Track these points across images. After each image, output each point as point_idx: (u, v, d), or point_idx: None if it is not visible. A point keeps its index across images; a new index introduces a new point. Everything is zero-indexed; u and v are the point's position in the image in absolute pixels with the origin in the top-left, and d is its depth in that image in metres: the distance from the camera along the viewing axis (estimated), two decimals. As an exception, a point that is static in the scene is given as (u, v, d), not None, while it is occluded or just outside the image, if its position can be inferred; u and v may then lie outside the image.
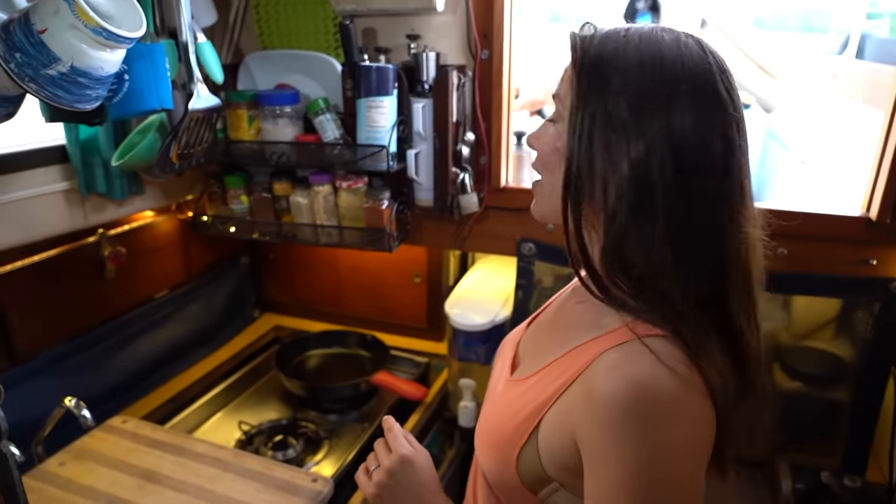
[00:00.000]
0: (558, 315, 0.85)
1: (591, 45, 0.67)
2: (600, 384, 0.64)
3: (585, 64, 0.66)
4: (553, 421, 0.69)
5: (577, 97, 0.66)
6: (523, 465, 0.72)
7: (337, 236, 1.49)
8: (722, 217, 0.65)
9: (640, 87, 0.64)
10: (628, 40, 0.66)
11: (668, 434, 0.62)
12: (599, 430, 0.63)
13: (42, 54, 0.77)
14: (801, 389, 1.49)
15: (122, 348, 1.56)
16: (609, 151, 0.64)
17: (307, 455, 1.52)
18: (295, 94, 1.41)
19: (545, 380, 0.73)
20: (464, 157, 1.41)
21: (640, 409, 0.61)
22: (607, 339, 0.68)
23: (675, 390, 0.62)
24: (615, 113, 0.64)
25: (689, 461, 0.63)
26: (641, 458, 0.61)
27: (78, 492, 1.17)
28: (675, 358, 0.63)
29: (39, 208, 1.24)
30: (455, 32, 1.38)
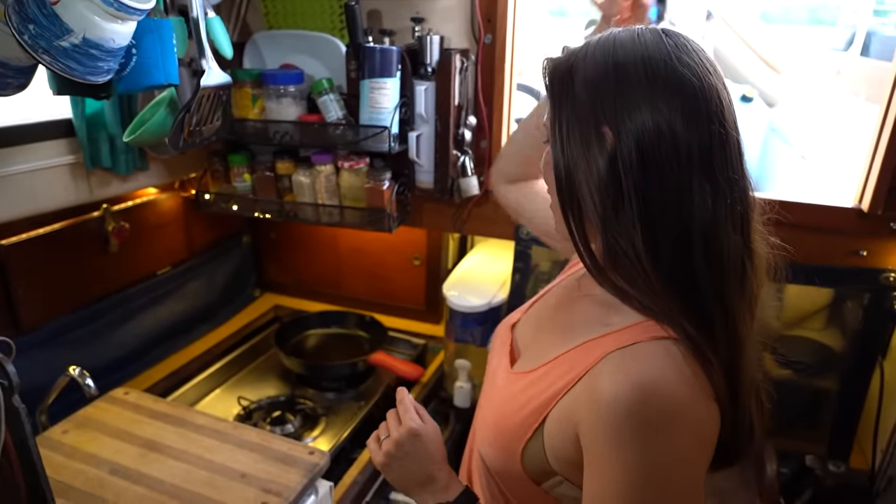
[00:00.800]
0: (562, 307, 0.85)
1: (559, 63, 0.70)
2: (605, 385, 0.63)
3: (555, 80, 0.69)
4: (558, 417, 0.70)
5: (551, 112, 0.69)
6: (528, 458, 0.73)
7: (338, 215, 1.51)
8: (690, 192, 0.63)
9: (599, 87, 0.65)
10: (587, 48, 0.68)
11: (671, 439, 0.61)
12: (602, 431, 0.62)
13: (55, 26, 0.79)
14: (789, 377, 1.52)
15: (125, 322, 1.59)
16: (585, 156, 0.66)
17: (304, 431, 1.55)
18: (299, 73, 1.42)
19: (551, 375, 0.73)
20: (465, 141, 1.43)
21: (645, 413, 0.60)
22: (614, 338, 0.68)
23: (682, 394, 0.62)
24: (582, 118, 0.66)
25: (692, 464, 0.63)
26: (643, 463, 0.61)
27: (81, 459, 1.20)
28: (682, 361, 0.63)
29: (45, 181, 1.26)
30: (459, 16, 1.40)
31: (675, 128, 0.63)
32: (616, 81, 0.64)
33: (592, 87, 0.66)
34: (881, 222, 1.27)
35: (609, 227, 0.66)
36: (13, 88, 0.92)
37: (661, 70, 0.63)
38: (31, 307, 1.34)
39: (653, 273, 0.65)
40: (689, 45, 0.66)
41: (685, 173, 0.63)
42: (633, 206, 0.63)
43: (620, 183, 0.64)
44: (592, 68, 0.66)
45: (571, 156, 0.67)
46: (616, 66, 0.65)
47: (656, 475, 0.61)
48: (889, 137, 1.20)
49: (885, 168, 1.22)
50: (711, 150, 0.64)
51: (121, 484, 1.14)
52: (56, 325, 1.40)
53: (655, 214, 0.64)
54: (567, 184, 0.68)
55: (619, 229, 0.65)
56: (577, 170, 0.66)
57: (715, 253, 0.64)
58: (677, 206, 0.64)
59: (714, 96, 0.64)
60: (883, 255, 1.31)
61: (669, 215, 0.64)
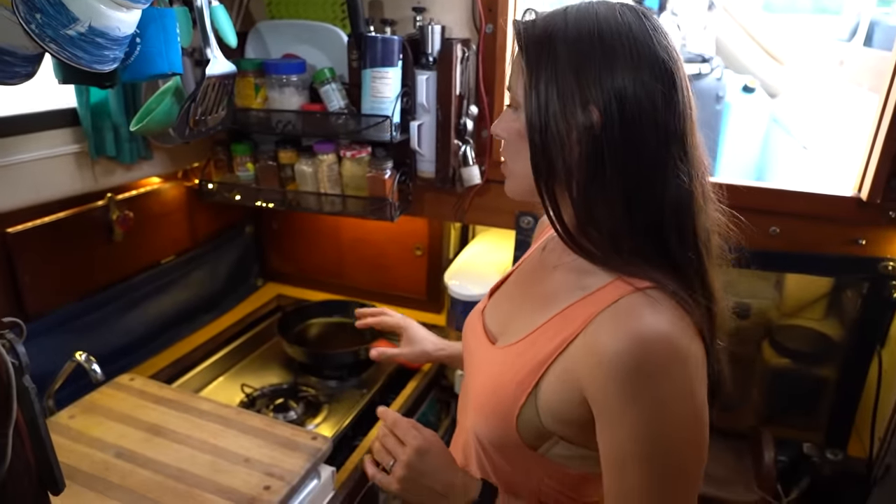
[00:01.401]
0: (532, 282, 0.89)
1: (534, 25, 0.72)
2: (606, 342, 0.68)
3: (531, 43, 0.71)
4: (554, 379, 0.73)
5: (528, 75, 0.70)
6: (523, 423, 0.76)
7: (340, 205, 1.52)
8: (666, 167, 0.70)
9: (582, 53, 0.68)
10: (567, 15, 0.71)
11: (675, 378, 0.66)
12: (612, 387, 0.67)
13: (61, 14, 0.80)
14: (788, 366, 1.53)
15: (130, 310, 1.60)
16: (564, 119, 0.69)
17: (307, 418, 1.56)
18: (302, 63, 1.43)
19: (538, 342, 0.77)
20: (466, 130, 1.44)
21: (648, 359, 0.65)
22: (598, 298, 0.72)
23: (675, 335, 0.67)
24: (563, 81, 0.69)
25: (697, 398, 0.68)
26: (656, 405, 0.66)
27: (88, 443, 1.22)
28: (666, 305, 0.69)
29: (51, 170, 1.28)
30: (460, 6, 1.40)
31: (658, 107, 0.68)
32: (602, 56, 0.68)
33: (576, 56, 0.69)
34: (880, 211, 1.28)
35: (588, 195, 0.71)
36: (21, 77, 0.93)
37: (645, 51, 0.68)
38: (37, 295, 1.36)
39: (626, 238, 0.71)
40: (664, 30, 0.72)
41: (663, 149, 0.69)
42: (614, 176, 0.69)
43: (602, 154, 0.68)
44: (575, 39, 0.69)
45: (549, 121, 0.70)
46: (602, 41, 0.68)
47: (667, 415, 0.66)
48: (888, 126, 1.21)
49: (885, 157, 1.23)
50: (685, 129, 0.70)
51: (126, 467, 1.16)
52: (62, 312, 1.42)
53: (634, 186, 0.69)
54: (543, 150, 0.71)
55: (596, 198, 0.70)
56: (554, 136, 0.70)
57: (688, 221, 0.72)
58: (655, 178, 0.70)
59: (685, 81, 0.71)
60: (882, 243, 1.32)
61: (647, 187, 0.70)
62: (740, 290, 1.53)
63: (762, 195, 1.35)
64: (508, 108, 0.80)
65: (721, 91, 2.71)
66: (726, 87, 2.75)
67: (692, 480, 0.70)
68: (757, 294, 1.54)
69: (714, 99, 2.69)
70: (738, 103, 2.81)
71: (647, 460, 0.67)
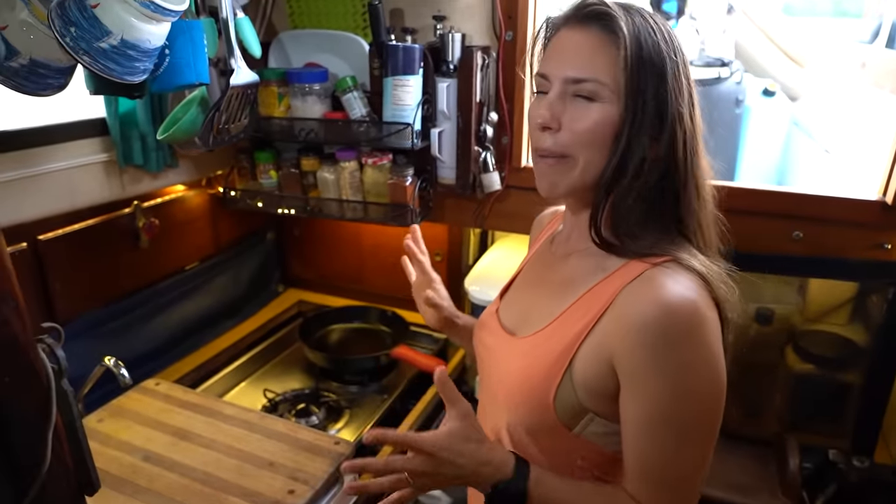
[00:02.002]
0: (547, 273, 0.91)
1: (632, 26, 0.74)
2: (632, 311, 0.72)
3: (633, 48, 0.73)
4: (588, 354, 0.76)
5: (632, 79, 0.73)
6: (560, 402, 0.78)
7: (361, 211, 1.54)
8: (695, 167, 0.79)
9: (669, 66, 0.75)
10: (646, 18, 0.76)
11: (700, 341, 0.71)
12: (640, 353, 0.71)
13: (95, 28, 0.83)
14: (812, 371, 1.52)
15: (155, 316, 1.63)
16: (656, 126, 0.75)
17: (329, 423, 1.58)
18: (324, 72, 1.45)
19: (566, 325, 0.79)
20: (487, 137, 1.45)
21: (674, 325, 0.70)
22: (621, 275, 0.77)
23: (697, 302, 0.72)
24: (662, 90, 0.74)
25: (717, 359, 0.73)
26: (682, 369, 0.70)
27: (116, 446, 1.25)
28: (685, 275, 0.74)
29: (81, 178, 1.31)
30: (480, 14, 1.41)
31: (696, 114, 0.79)
32: (674, 63, 0.75)
33: (661, 66, 0.75)
34: (906, 215, 1.26)
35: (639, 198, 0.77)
36: (53, 89, 0.95)
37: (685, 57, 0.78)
38: (67, 300, 1.38)
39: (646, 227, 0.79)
40: None
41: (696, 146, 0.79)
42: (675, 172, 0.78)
43: (668, 160, 0.77)
44: (664, 47, 0.75)
45: (643, 126, 0.75)
46: (676, 52, 0.76)
47: (691, 374, 0.71)
48: (914, 130, 1.19)
49: (910, 161, 1.21)
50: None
51: (153, 470, 1.18)
52: (90, 317, 1.45)
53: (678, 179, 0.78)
54: (628, 150, 0.75)
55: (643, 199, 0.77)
56: (645, 135, 0.75)
57: (697, 185, 0.80)
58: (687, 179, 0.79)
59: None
60: (908, 248, 1.30)
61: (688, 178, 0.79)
62: (763, 296, 1.52)
63: (785, 199, 1.34)
64: (583, 98, 0.76)
65: (741, 95, 2.69)
66: (746, 90, 2.73)
67: (708, 442, 0.74)
68: (780, 299, 1.53)
69: (734, 103, 2.67)
70: (758, 107, 2.78)
71: (671, 421, 0.72)
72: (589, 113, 0.76)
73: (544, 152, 0.79)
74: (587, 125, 0.76)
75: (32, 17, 0.86)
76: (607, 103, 0.75)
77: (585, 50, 0.75)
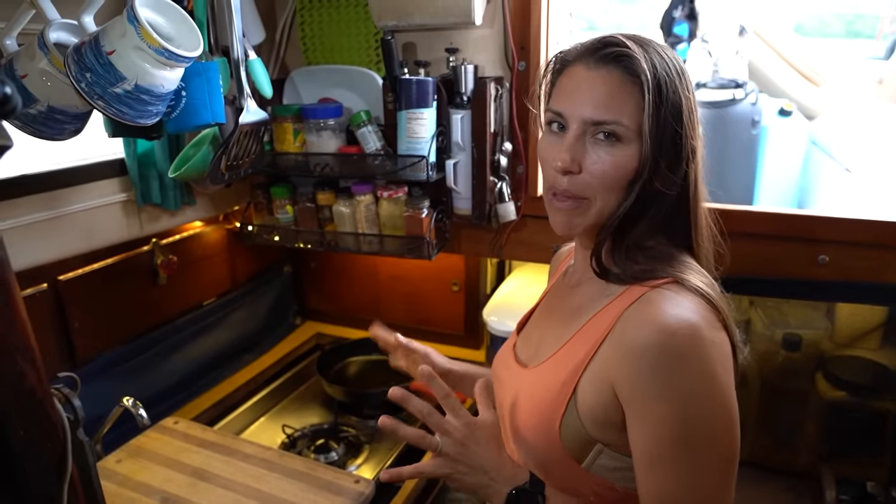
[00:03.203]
0: (556, 304, 0.92)
1: (652, 67, 0.74)
2: (631, 335, 0.71)
3: (654, 91, 0.73)
4: (589, 382, 0.75)
5: (654, 121, 0.73)
6: (566, 432, 0.76)
7: (378, 244, 1.53)
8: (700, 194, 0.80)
9: (685, 105, 0.75)
10: (661, 55, 0.76)
11: (700, 362, 0.68)
12: (640, 376, 0.69)
13: (110, 74, 0.84)
14: (845, 399, 1.47)
15: (173, 353, 1.63)
16: (673, 163, 0.76)
17: (348, 458, 1.55)
18: (338, 107, 1.46)
19: (570, 352, 0.79)
20: (501, 167, 1.44)
21: (673, 347, 0.68)
22: (622, 300, 0.76)
23: (698, 323, 0.69)
24: (678, 131, 0.75)
25: (724, 382, 0.70)
26: (683, 392, 0.68)
27: (134, 488, 1.23)
28: (686, 297, 0.72)
29: (101, 218, 1.32)
30: (492, 45, 1.42)
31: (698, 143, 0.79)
32: (685, 95, 0.75)
33: (677, 100, 0.75)
34: (937, 237, 1.23)
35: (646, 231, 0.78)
36: (69, 133, 0.97)
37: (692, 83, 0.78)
38: (87, 340, 1.39)
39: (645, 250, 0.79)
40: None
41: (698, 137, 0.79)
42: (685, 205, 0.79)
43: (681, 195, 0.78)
44: (669, 79, 0.74)
45: (659, 161, 0.75)
46: (681, 81, 0.76)
47: (696, 398, 0.68)
48: (940, 149, 1.16)
49: (938, 181, 1.18)
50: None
51: (172, 513, 1.17)
52: (108, 356, 1.45)
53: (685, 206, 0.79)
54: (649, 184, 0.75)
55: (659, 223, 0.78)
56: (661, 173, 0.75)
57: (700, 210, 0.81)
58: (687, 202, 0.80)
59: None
60: (940, 270, 1.26)
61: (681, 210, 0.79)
62: (790, 321, 1.49)
63: (809, 223, 1.31)
64: (606, 141, 0.75)
65: (756, 115, 2.67)
66: (762, 111, 2.71)
67: (726, 468, 0.70)
68: (807, 324, 1.49)
69: (750, 124, 2.65)
70: (774, 127, 2.76)
71: (680, 449, 0.68)
72: (610, 156, 0.75)
73: (561, 193, 0.78)
74: (607, 169, 0.75)
75: (51, 65, 0.88)
76: (627, 145, 0.74)
77: (606, 91, 0.74)
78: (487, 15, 1.38)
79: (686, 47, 3.01)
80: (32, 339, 0.55)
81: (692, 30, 2.98)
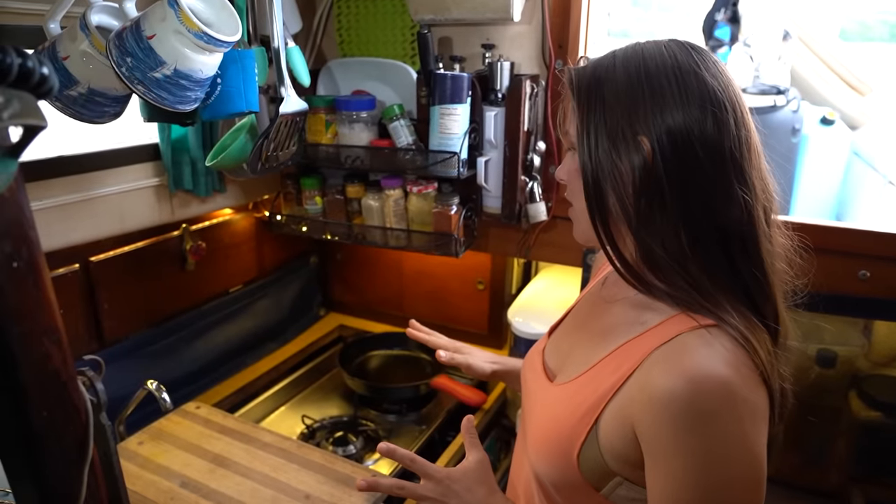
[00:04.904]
0: (591, 318, 0.88)
1: (584, 72, 0.74)
2: (658, 381, 0.66)
3: (581, 88, 0.74)
4: (612, 416, 0.72)
5: (580, 120, 0.73)
6: (585, 462, 0.74)
7: (405, 239, 1.52)
8: (724, 192, 0.69)
9: (631, 94, 0.70)
10: (615, 58, 0.74)
11: (728, 423, 0.63)
12: (661, 426, 0.65)
13: (150, 58, 0.84)
14: (879, 419, 1.42)
15: (198, 338, 1.64)
16: (617, 161, 0.71)
17: (366, 452, 1.55)
18: (371, 100, 1.46)
19: (597, 379, 0.75)
20: (534, 166, 1.42)
21: (700, 402, 0.63)
22: (655, 334, 0.71)
23: (731, 378, 0.64)
24: (612, 123, 0.71)
25: (751, 444, 0.65)
26: (706, 451, 0.63)
27: (154, 470, 1.24)
28: (724, 346, 0.66)
29: (133, 202, 1.33)
30: (530, 42, 1.40)
31: (708, 132, 0.68)
32: (649, 90, 0.70)
33: (624, 96, 0.71)
34: None
35: (648, 228, 0.71)
36: (109, 116, 0.97)
37: (693, 82, 0.69)
38: (115, 321, 1.41)
39: (694, 268, 0.70)
40: (714, 58, 0.72)
41: (721, 174, 0.69)
42: (673, 206, 0.69)
43: (661, 185, 0.69)
44: (623, 78, 0.71)
45: (601, 160, 0.72)
46: (648, 76, 0.70)
47: (719, 460, 0.63)
48: None
49: None
50: (741, 153, 0.70)
51: (191, 497, 1.17)
52: (136, 338, 1.47)
53: (695, 213, 0.69)
54: (595, 188, 0.73)
55: (657, 230, 0.70)
56: (607, 174, 0.72)
57: (751, 246, 0.71)
58: (716, 204, 0.69)
59: (738, 105, 0.71)
60: None
61: (709, 213, 0.69)
62: (825, 337, 1.44)
63: (850, 237, 1.27)
64: (568, 150, 0.82)
65: (798, 123, 2.60)
66: (803, 119, 2.63)
67: None
68: (843, 341, 1.44)
69: (790, 132, 2.57)
70: (816, 136, 2.68)
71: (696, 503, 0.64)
72: (566, 162, 0.81)
73: None
74: (563, 174, 0.81)
75: (92, 47, 0.88)
76: (572, 152, 0.78)
77: (568, 107, 0.78)
78: (526, 11, 1.36)
79: (727, 51, 2.95)
80: (59, 322, 0.55)
81: (734, 33, 2.91)
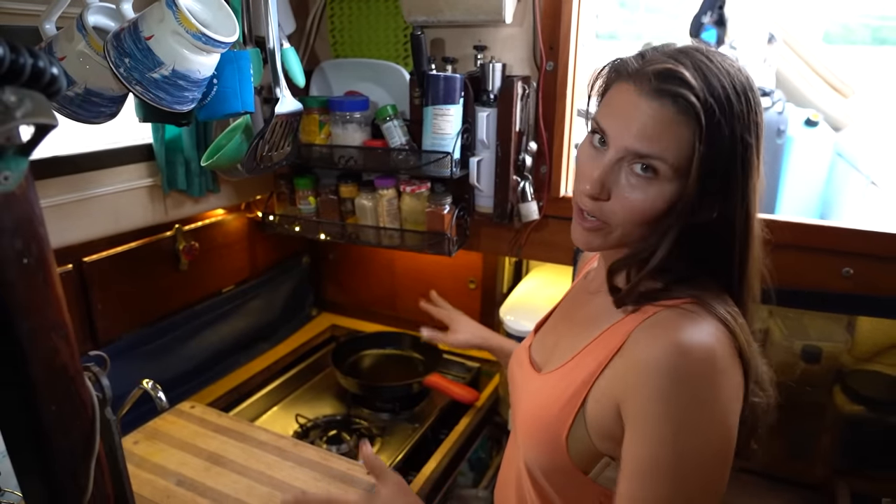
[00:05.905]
0: (575, 310, 0.91)
1: (710, 101, 0.67)
2: (642, 352, 0.69)
3: (706, 130, 0.67)
4: (598, 396, 0.74)
5: (701, 165, 0.68)
6: (573, 443, 0.76)
7: (398, 239, 1.54)
8: (745, 212, 0.74)
9: (741, 150, 0.70)
10: (724, 83, 0.69)
11: (709, 390, 0.66)
12: (646, 392, 0.67)
13: (148, 59, 0.85)
14: (862, 413, 1.45)
15: (191, 338, 1.65)
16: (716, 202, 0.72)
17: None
18: (365, 100, 1.47)
19: (582, 362, 0.78)
20: (525, 166, 1.44)
21: (686, 366, 0.66)
22: (637, 316, 0.74)
23: (715, 348, 0.67)
24: (729, 173, 0.71)
25: (728, 413, 0.68)
26: (685, 414, 0.66)
27: (150, 469, 1.25)
28: (707, 321, 0.69)
29: (127, 202, 1.34)
30: (521, 44, 1.42)
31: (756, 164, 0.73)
32: (748, 111, 0.70)
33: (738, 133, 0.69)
34: (965, 253, 1.21)
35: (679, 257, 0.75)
36: (105, 116, 0.98)
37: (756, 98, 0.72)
38: (108, 321, 1.41)
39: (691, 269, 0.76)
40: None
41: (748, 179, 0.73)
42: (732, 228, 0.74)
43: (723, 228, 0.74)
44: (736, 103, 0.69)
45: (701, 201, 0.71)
46: (745, 103, 0.70)
47: (694, 425, 0.66)
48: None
49: (969, 197, 1.17)
50: (760, 157, 0.74)
51: (187, 495, 1.18)
52: (128, 339, 1.47)
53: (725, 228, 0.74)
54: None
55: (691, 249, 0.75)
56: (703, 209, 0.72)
57: (742, 240, 0.75)
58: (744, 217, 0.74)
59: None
60: (967, 288, 1.25)
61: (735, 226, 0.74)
62: (810, 333, 1.47)
63: (834, 235, 1.30)
64: (643, 176, 0.71)
65: (782, 125, 2.64)
66: (788, 120, 2.68)
67: (711, 499, 0.69)
68: (827, 337, 1.47)
69: (775, 133, 2.62)
70: (800, 137, 2.73)
71: (666, 473, 0.66)
72: (642, 193, 0.71)
73: (585, 213, 0.77)
74: (638, 204, 0.72)
75: (89, 48, 0.89)
76: (662, 183, 0.70)
77: (655, 125, 0.69)
78: (517, 13, 1.38)
79: (713, 54, 2.99)
80: (67, 317, 0.56)
81: (720, 36, 2.94)
